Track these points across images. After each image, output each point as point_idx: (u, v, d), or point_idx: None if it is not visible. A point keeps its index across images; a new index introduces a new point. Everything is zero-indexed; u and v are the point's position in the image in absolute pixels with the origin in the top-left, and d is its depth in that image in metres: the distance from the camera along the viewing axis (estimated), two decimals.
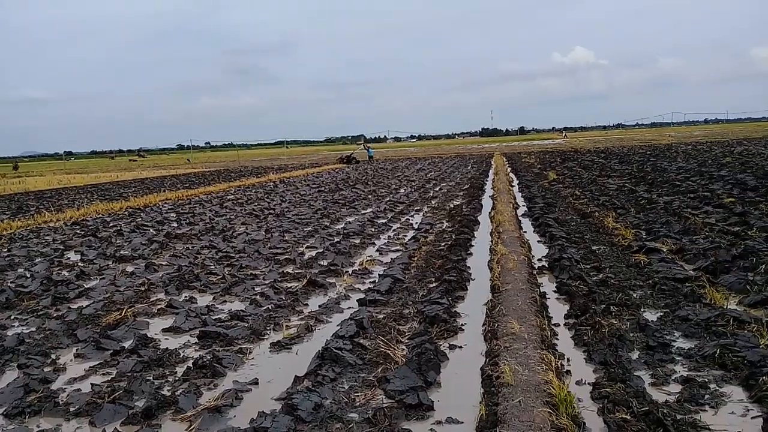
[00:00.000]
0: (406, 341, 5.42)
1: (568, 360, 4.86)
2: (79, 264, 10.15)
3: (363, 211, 15.30)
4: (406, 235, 11.25)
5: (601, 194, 15.34)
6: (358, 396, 4.38)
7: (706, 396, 4.05)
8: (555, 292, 6.84)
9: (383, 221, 13.12)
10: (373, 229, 12.00)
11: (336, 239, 10.90)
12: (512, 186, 20.33)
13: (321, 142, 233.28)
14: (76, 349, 5.78)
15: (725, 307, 5.72)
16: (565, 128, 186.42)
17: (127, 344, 5.79)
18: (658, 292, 6.42)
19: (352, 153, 51.11)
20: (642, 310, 5.93)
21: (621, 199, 13.98)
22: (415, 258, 8.88)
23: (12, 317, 7.13)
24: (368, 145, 52.31)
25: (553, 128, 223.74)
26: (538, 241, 9.96)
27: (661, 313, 5.80)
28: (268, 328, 6.14)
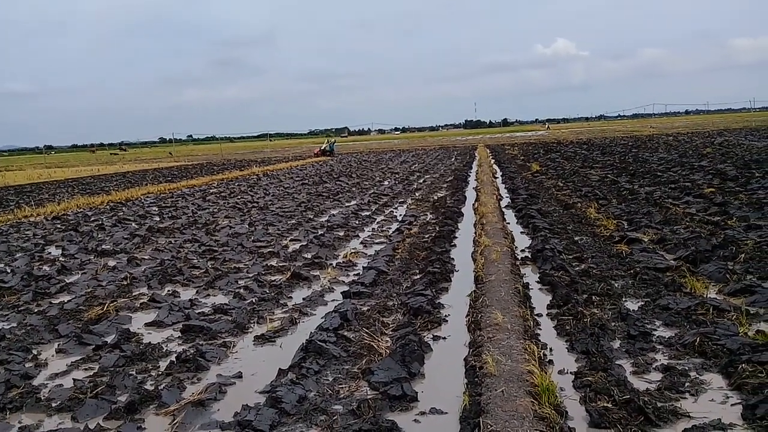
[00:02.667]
0: (390, 333, 5.43)
1: (551, 350, 4.89)
2: (61, 259, 10.05)
3: (347, 204, 15.28)
4: (390, 228, 11.26)
5: (584, 185, 15.44)
6: (342, 388, 4.38)
7: (687, 384, 4.10)
8: (538, 282, 6.88)
9: (367, 213, 13.11)
10: (357, 222, 11.99)
11: (320, 232, 10.88)
12: (496, 178, 20.39)
13: (305, 134, 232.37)
14: (58, 345, 5.73)
15: (705, 296, 5.79)
16: (548, 120, 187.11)
17: (109, 339, 5.74)
18: (640, 282, 6.48)
19: (324, 146, 52.22)
20: (623, 299, 5.98)
21: (603, 190, 14.08)
22: (399, 250, 8.88)
23: None
24: (331, 140, 55.16)
25: (536, 120, 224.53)
26: (522, 233, 10.01)
27: (642, 303, 5.86)
28: (251, 321, 6.12)
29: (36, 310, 7.00)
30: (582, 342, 4.83)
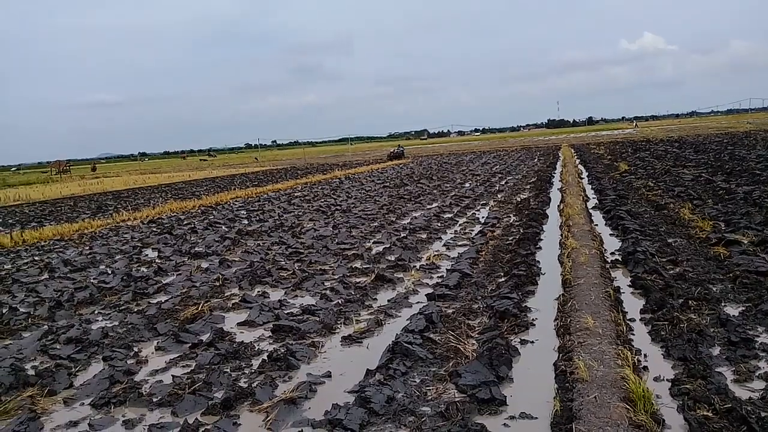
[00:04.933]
0: (476, 336, 5.40)
1: (645, 356, 4.73)
2: (157, 261, 10.55)
3: (428, 206, 15.28)
4: (472, 230, 11.18)
5: (676, 185, 14.81)
6: (429, 390, 4.40)
7: None
8: (629, 286, 6.66)
9: (449, 216, 13.07)
10: (439, 224, 11.97)
11: (402, 234, 10.93)
12: (581, 178, 19.87)
13: (384, 137, 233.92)
14: (157, 342, 6.02)
15: None
16: (636, 117, 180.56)
17: (204, 337, 5.99)
18: (740, 286, 6.16)
19: (395, 149, 52.74)
20: (722, 304, 5.71)
21: (697, 190, 13.46)
22: (483, 252, 8.81)
23: (96, 312, 7.49)
24: (400, 143, 58.70)
25: (623, 118, 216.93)
26: (611, 235, 9.71)
27: (743, 308, 5.57)
28: (338, 322, 6.23)
29: (135, 310, 7.37)
30: (679, 348, 4.65)
